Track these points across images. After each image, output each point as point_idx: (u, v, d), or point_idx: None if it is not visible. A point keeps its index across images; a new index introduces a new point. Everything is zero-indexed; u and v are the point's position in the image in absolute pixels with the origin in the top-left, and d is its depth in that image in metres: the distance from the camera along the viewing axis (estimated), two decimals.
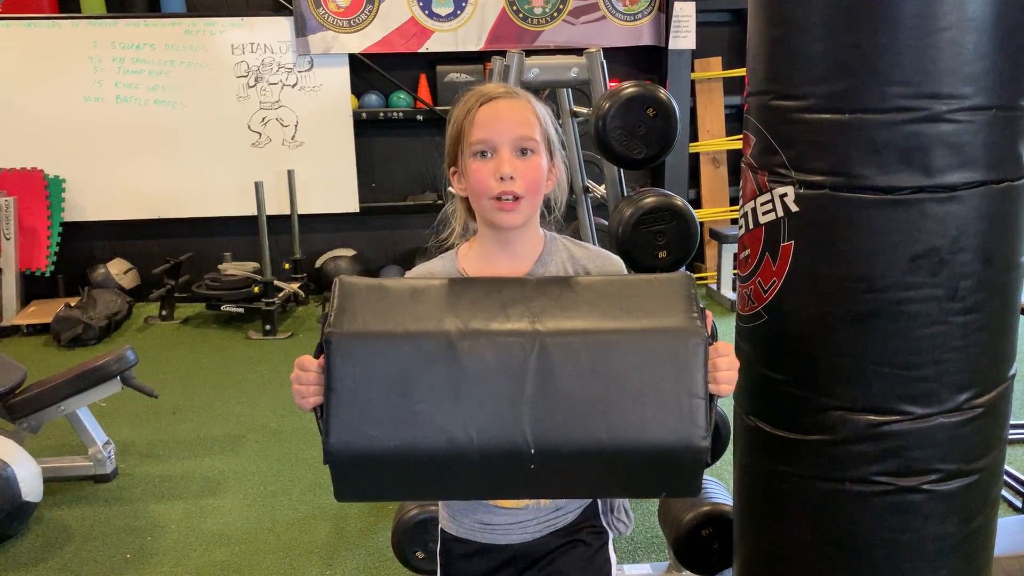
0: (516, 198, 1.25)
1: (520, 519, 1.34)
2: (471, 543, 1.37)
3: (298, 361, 1.17)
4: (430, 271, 1.38)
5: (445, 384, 1.10)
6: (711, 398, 1.12)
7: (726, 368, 1.14)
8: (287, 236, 5.60)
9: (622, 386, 1.09)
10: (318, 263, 5.65)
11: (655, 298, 1.15)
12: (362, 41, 5.38)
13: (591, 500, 1.38)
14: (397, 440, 1.10)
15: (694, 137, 5.79)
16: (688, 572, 2.34)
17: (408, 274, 1.38)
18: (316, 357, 1.16)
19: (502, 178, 1.23)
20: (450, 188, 1.37)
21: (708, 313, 1.16)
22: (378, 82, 5.59)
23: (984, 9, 1.31)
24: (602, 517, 1.40)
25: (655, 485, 1.19)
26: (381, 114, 5.55)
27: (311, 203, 5.63)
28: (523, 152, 1.26)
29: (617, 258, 1.40)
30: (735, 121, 5.80)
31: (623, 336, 1.11)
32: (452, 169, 1.33)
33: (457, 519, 1.38)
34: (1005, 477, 2.85)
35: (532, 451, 1.09)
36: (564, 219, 1.44)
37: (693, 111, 5.77)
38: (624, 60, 5.61)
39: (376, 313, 1.14)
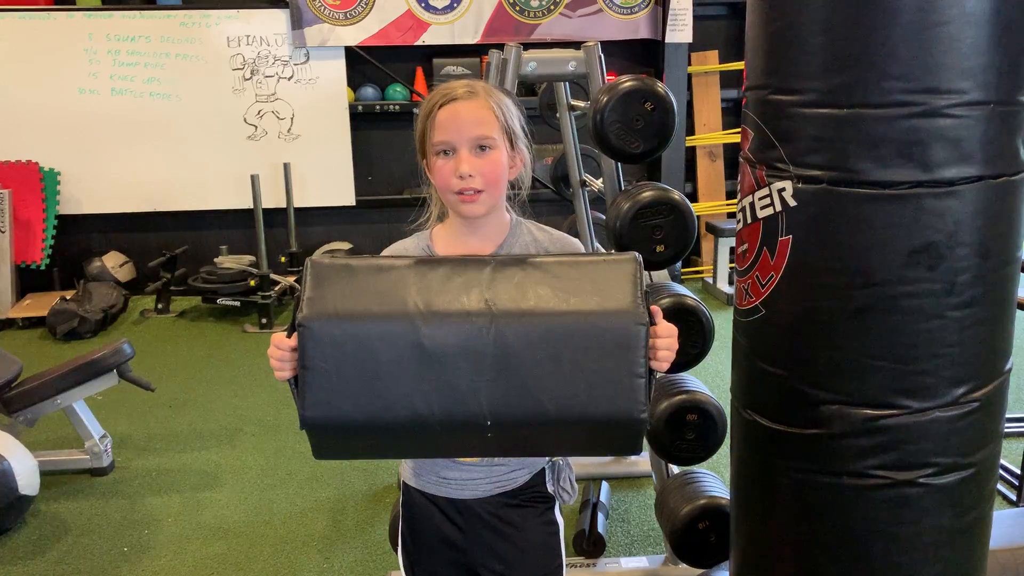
0: (477, 191, 1.35)
1: (474, 476, 1.45)
2: (429, 495, 1.49)
3: (273, 338, 1.26)
4: (404, 248, 1.48)
5: (409, 363, 1.19)
6: (651, 372, 1.22)
7: (665, 348, 1.24)
8: (283, 229, 5.59)
9: (570, 365, 1.20)
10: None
11: (603, 280, 1.25)
12: (358, 34, 5.37)
13: (539, 469, 1.50)
14: (365, 413, 1.21)
15: (690, 131, 5.80)
16: (685, 565, 2.35)
17: (384, 252, 1.46)
18: (289, 335, 1.24)
19: (461, 176, 1.34)
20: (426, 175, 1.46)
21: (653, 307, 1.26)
22: (374, 75, 5.58)
23: (983, 4, 1.30)
24: (548, 485, 1.51)
25: (601, 447, 1.33)
26: (377, 107, 5.54)
27: (307, 196, 5.62)
28: (482, 148, 1.35)
29: (576, 241, 1.51)
30: (731, 115, 5.80)
31: (572, 318, 1.21)
32: (424, 160, 1.43)
33: (418, 473, 1.50)
34: (1000, 471, 2.87)
35: (488, 422, 1.20)
36: (529, 206, 1.54)
37: (690, 104, 5.77)
38: (620, 53, 5.60)
39: (344, 295, 1.23)
